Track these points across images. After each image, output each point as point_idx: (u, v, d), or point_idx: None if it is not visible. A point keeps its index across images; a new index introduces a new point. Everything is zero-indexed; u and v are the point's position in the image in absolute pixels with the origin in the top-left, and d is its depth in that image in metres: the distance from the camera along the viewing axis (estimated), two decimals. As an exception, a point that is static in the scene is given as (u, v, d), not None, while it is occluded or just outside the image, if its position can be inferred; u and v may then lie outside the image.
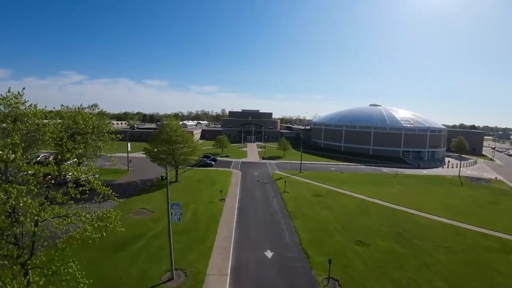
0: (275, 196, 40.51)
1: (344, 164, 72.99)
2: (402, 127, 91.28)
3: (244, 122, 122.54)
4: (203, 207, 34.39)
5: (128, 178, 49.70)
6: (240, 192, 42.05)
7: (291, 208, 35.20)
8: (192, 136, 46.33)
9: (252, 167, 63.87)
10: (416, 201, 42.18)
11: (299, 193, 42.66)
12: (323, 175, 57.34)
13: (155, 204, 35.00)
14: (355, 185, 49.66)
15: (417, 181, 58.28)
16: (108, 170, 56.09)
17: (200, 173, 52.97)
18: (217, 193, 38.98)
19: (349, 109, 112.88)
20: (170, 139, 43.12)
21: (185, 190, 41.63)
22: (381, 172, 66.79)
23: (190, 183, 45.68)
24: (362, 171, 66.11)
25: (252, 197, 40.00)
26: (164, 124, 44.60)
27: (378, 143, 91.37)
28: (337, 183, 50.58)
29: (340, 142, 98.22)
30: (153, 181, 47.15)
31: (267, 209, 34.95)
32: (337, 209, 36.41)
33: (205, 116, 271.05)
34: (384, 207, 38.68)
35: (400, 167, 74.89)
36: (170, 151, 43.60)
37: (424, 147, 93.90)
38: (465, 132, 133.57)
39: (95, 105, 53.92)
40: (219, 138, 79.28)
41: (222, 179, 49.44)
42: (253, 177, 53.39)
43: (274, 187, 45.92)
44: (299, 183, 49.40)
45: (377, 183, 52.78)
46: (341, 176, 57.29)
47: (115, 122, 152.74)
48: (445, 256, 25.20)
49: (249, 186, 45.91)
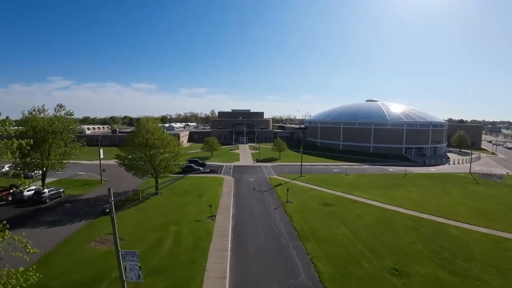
0: (277, 209, 33.33)
1: (346, 165, 66.60)
2: (403, 122, 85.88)
3: (235, 123, 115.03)
4: (188, 229, 26.86)
5: (100, 191, 41.61)
6: (234, 204, 34.67)
7: (299, 225, 28.11)
8: (175, 139, 38.62)
9: (246, 171, 56.55)
10: (438, 206, 36.36)
11: (305, 202, 35.67)
12: (327, 178, 50.60)
13: (126, 228, 27.28)
14: (366, 190, 43.14)
15: (430, 181, 52.41)
16: (78, 182, 47.79)
17: (185, 182, 45.29)
18: (205, 208, 31.56)
19: (346, 105, 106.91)
20: (146, 143, 35.39)
21: (165, 205, 33.93)
22: (388, 172, 60.74)
23: (173, 195, 37.98)
24: (367, 171, 59.83)
25: (249, 211, 32.68)
26: (140, 125, 36.74)
27: (379, 140, 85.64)
28: (345, 187, 43.92)
29: (338, 140, 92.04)
30: (129, 194, 39.22)
31: (269, 227, 27.70)
32: (354, 222, 29.63)
33: (194, 118, 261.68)
34: (408, 217, 32.25)
35: (405, 165, 69.29)
36: (147, 158, 35.88)
37: (426, 143, 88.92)
38: (462, 126, 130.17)
39: (60, 106, 44.01)
40: (207, 140, 71.50)
41: (211, 188, 41.93)
42: (248, 184, 46.09)
43: (274, 196, 38.75)
44: (302, 189, 42.40)
45: (389, 186, 46.47)
46: (347, 179, 50.72)
47: (96, 127, 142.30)
48: (499, 280, 19.87)
49: (244, 196, 38.59)
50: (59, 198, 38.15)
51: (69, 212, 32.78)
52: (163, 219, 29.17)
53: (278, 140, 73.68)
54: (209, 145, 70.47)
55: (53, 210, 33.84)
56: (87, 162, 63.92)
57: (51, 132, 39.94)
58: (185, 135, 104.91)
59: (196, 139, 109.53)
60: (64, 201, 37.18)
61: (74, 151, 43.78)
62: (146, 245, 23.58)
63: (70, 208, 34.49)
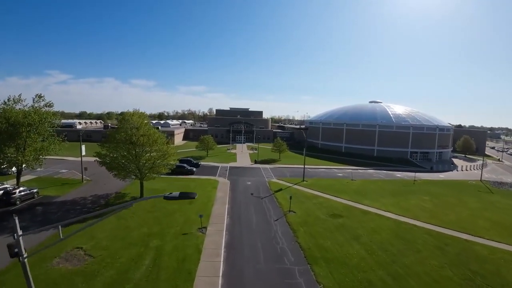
0: (279, 219, 28.96)
1: (350, 168, 62.44)
2: (409, 125, 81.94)
3: (233, 121, 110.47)
4: (172, 244, 22.44)
5: (78, 192, 37.08)
6: (229, 213, 30.24)
7: (306, 242, 23.80)
8: (163, 136, 34.10)
9: (243, 174, 52.11)
10: (458, 219, 32.67)
11: (310, 212, 31.37)
12: (332, 183, 46.36)
13: (99, 240, 22.85)
14: (376, 198, 39.02)
15: (441, 189, 48.49)
16: (57, 181, 43.13)
17: (175, 185, 40.82)
18: (195, 217, 27.20)
19: (349, 106, 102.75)
20: (130, 139, 30.87)
21: (149, 212, 29.44)
22: (396, 177, 56.73)
23: (160, 200, 33.48)
24: (373, 177, 55.73)
25: (246, 222, 28.27)
26: (123, 119, 32.15)
27: (383, 143, 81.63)
28: (353, 195, 39.72)
29: (341, 142, 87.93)
30: (110, 197, 34.72)
31: (270, 244, 23.34)
32: (369, 238, 25.44)
33: (192, 115, 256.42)
34: (427, 231, 28.20)
35: (412, 170, 65.46)
36: (131, 157, 31.37)
37: (432, 147, 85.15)
38: (466, 131, 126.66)
39: (39, 96, 39.01)
40: (203, 139, 66.81)
41: (204, 192, 37.50)
42: (245, 188, 41.70)
43: (274, 204, 34.39)
44: (306, 196, 38.10)
45: (400, 194, 42.42)
46: (353, 185, 46.53)
47: (89, 121, 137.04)
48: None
49: (240, 203, 34.19)
50: (31, 199, 33.57)
51: (39, 217, 28.25)
52: (144, 231, 24.73)
53: (278, 140, 69.23)
54: (204, 144, 65.83)
55: (22, 214, 29.20)
56: (73, 158, 59.32)
57: (26, 125, 35.48)
58: (180, 133, 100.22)
59: (192, 137, 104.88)
60: (36, 203, 32.62)
61: (52, 147, 39.41)
62: (118, 266, 19.12)
63: (41, 212, 29.97)
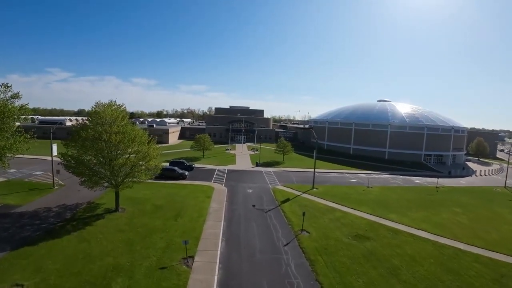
0: (290, 244, 22.30)
1: (362, 173, 55.93)
2: (424, 125, 75.42)
3: (232, 120, 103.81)
4: (143, 286, 15.83)
5: (45, 201, 30.61)
6: (225, 234, 23.55)
7: (329, 282, 17.18)
8: (145, 134, 27.50)
9: (243, 178, 45.34)
10: (502, 238, 26.96)
11: (328, 233, 24.75)
12: (346, 191, 39.80)
13: (47, 273, 16.41)
14: (402, 211, 32.56)
15: (469, 198, 42.16)
16: (25, 185, 36.54)
17: (162, 192, 34.21)
18: (180, 239, 20.60)
19: (357, 104, 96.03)
20: (100, 137, 24.27)
21: (122, 231, 22.79)
22: (415, 183, 50.30)
23: (139, 213, 26.83)
24: (390, 183, 49.24)
25: (248, 248, 21.48)
26: (94, 112, 25.50)
27: (395, 145, 75.11)
28: (375, 207, 33.21)
29: (349, 143, 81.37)
30: (80, 209, 28.14)
31: (281, 286, 16.74)
32: (409, 272, 18.98)
33: (191, 114, 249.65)
34: (476, 258, 22.01)
35: (428, 175, 59.35)
36: (102, 160, 24.80)
37: (447, 150, 78.78)
38: (477, 133, 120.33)
39: (5, 86, 31.52)
40: (198, 138, 60.08)
41: (196, 203, 30.88)
42: (245, 197, 35.06)
43: (281, 219, 27.74)
44: (319, 209, 31.46)
45: (427, 205, 36.03)
46: (371, 193, 39.99)
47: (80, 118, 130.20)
48: None
49: (240, 219, 27.52)
50: (-18, 210, 27.11)
51: (-17, 236, 21.74)
52: (109, 261, 18.14)
53: (282, 140, 62.50)
54: (200, 144, 59.14)
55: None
56: (54, 159, 52.71)
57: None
58: (175, 131, 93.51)
59: (189, 136, 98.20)
60: (-11, 214, 26.13)
61: (17, 145, 32.94)
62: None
63: (-11, 227, 23.47)
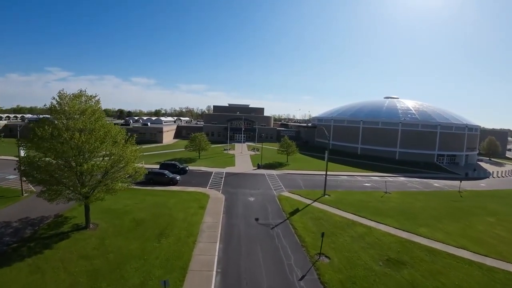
0: (306, 277, 16.87)
1: (375, 176, 50.61)
2: (437, 123, 70.11)
3: (231, 117, 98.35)
4: None
5: (6, 213, 25.52)
6: (220, 263, 18.00)
7: None
8: (123, 131, 22.09)
9: (243, 183, 39.71)
10: None
11: (353, 258, 19.33)
12: (363, 199, 34.43)
13: None
14: (432, 223, 27.36)
15: (497, 204, 37.18)
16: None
17: (146, 201, 28.75)
18: (161, 271, 15.27)
19: (364, 101, 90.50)
20: (60, 136, 18.89)
21: (87, 259, 17.40)
22: (435, 188, 45.08)
23: (114, 233, 21.41)
24: (408, 187, 43.97)
25: (251, 286, 16.13)
26: (53, 107, 20.02)
27: (407, 144, 69.82)
28: (400, 218, 27.91)
29: (356, 142, 75.97)
30: (43, 225, 22.81)
31: None
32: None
33: (190, 113, 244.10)
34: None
35: (444, 177, 54.48)
36: (64, 165, 19.45)
37: (461, 149, 73.53)
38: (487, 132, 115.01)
39: None
40: (193, 137, 54.50)
41: (185, 217, 25.43)
42: (246, 207, 29.53)
43: (292, 239, 22.23)
44: (337, 223, 26.01)
45: (456, 214, 30.96)
46: (391, 200, 34.68)
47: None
48: None
49: (240, 239, 21.96)
50: None
51: None
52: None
53: (285, 139, 57.01)
54: (195, 143, 53.59)
55: None
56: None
57: None
58: (170, 130, 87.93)
59: (185, 135, 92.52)
60: None
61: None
62: None
63: None
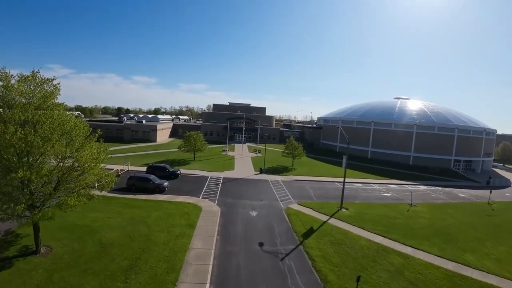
0: None
1: (394, 183, 45.00)
2: (454, 126, 64.55)
3: (232, 116, 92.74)
4: None
5: None
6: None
7: None
8: (84, 129, 16.71)
9: (244, 192, 33.64)
10: None
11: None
12: (388, 214, 28.66)
13: None
14: (475, 247, 21.99)
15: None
16: None
17: (122, 215, 22.98)
18: None
19: (374, 101, 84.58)
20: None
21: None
22: (461, 198, 39.60)
23: (69, 262, 15.75)
24: (433, 198, 38.44)
25: None
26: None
27: (421, 149, 64.20)
28: (438, 241, 22.35)
29: (367, 145, 70.32)
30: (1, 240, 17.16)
31: None
32: None
33: (190, 112, 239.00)
34: None
35: (465, 186, 49.69)
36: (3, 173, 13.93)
37: (478, 155, 68.08)
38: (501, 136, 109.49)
39: None
40: (188, 136, 48.75)
41: (167, 240, 19.68)
42: (248, 226, 23.56)
43: (311, 278, 16.33)
44: (364, 249, 20.33)
45: (496, 233, 25.82)
46: (420, 216, 28.98)
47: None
48: None
49: (239, 280, 16.31)
50: None
51: None
52: None
53: (291, 141, 51.28)
54: (190, 143, 47.85)
55: None
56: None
57: None
58: (165, 128, 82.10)
59: (182, 134, 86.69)
60: None
61: None
62: None
63: None
